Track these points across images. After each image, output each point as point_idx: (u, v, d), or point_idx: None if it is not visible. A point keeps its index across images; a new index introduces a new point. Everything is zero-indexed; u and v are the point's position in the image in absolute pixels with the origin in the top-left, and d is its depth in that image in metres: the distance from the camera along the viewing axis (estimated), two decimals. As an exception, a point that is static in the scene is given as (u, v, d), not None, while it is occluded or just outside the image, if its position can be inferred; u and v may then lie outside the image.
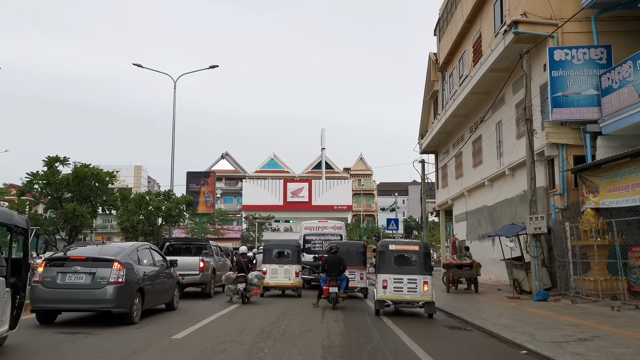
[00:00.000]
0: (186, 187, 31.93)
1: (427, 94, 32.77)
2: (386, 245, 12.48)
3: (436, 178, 34.45)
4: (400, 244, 12.74)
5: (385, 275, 12.09)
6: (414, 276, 12.01)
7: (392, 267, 12.16)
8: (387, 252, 12.29)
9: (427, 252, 12.45)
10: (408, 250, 12.52)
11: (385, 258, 12.25)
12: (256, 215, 73.54)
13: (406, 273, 12.10)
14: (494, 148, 22.08)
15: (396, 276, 12.05)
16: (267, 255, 17.01)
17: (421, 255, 12.26)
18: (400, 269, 12.20)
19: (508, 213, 20.51)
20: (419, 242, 12.85)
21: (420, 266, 12.15)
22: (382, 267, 12.23)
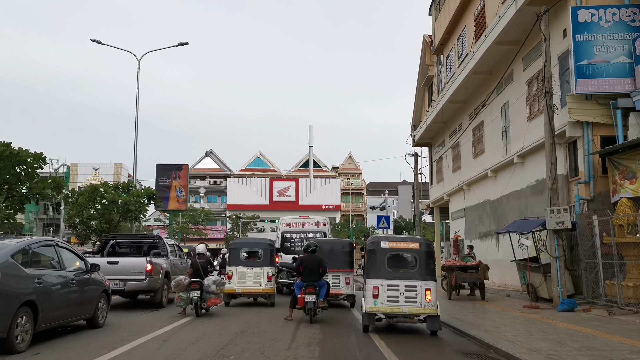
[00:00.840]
0: (155, 180, 28.91)
1: (420, 81, 30.11)
2: (377, 242, 9.72)
3: (430, 172, 31.79)
4: (395, 240, 9.98)
5: (377, 281, 9.34)
6: (414, 282, 9.27)
7: (385, 271, 9.41)
8: (379, 252, 9.54)
9: (430, 250, 9.71)
10: (406, 248, 9.78)
11: (377, 259, 9.50)
12: (240, 215, 70.70)
13: (403, 278, 9.36)
14: (498, 134, 19.42)
15: (390, 282, 9.30)
16: (233, 255, 14.18)
17: (422, 255, 9.52)
18: (396, 273, 9.47)
19: (516, 207, 17.84)
20: (420, 239, 10.09)
21: (422, 269, 9.41)
22: (373, 270, 9.47)
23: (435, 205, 30.88)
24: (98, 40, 22.98)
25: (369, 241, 10.04)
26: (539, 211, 15.65)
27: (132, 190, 20.39)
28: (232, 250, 14.35)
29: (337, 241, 14.98)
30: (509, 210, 18.59)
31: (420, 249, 9.63)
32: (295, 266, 10.92)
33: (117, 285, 12.03)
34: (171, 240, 15.45)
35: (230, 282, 13.81)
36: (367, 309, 9.28)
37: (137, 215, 20.34)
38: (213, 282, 11.26)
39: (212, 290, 11.22)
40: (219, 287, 11.38)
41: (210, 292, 11.23)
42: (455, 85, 22.06)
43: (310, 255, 10.73)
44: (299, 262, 10.71)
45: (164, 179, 28.53)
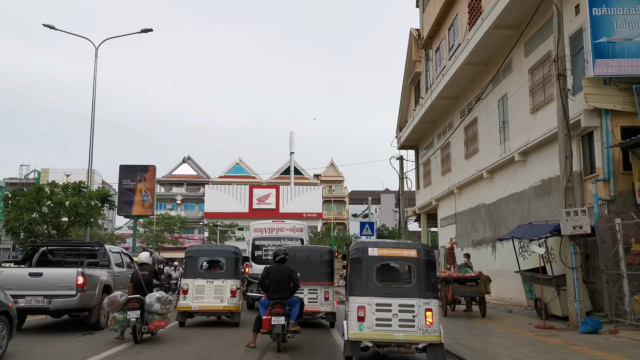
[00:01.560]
0: (119, 183, 26.31)
1: (406, 79, 28.24)
2: (363, 248, 7.58)
3: (416, 176, 29.85)
4: (386, 246, 7.81)
5: (362, 299, 7.22)
6: (410, 300, 7.17)
7: (373, 286, 7.30)
8: (366, 261, 7.42)
9: (431, 259, 7.60)
10: (399, 256, 7.67)
11: (363, 270, 7.38)
12: (218, 223, 68.19)
13: (397, 295, 7.26)
14: (495, 131, 17.52)
15: (380, 300, 7.19)
16: (190, 266, 11.92)
17: (421, 266, 7.42)
18: (388, 289, 7.37)
19: (517, 211, 15.90)
20: (417, 244, 7.97)
21: (420, 283, 7.31)
22: (357, 284, 7.35)
23: (422, 212, 28.93)
24: (51, 25, 20.61)
25: (352, 247, 7.89)
26: (545, 215, 13.72)
27: (84, 191, 17.95)
28: (189, 259, 12.08)
29: (315, 249, 12.77)
30: (507, 215, 16.64)
31: (419, 257, 7.51)
32: (259, 280, 8.70)
33: (40, 302, 9.72)
34: (117, 248, 13.10)
35: (186, 297, 11.57)
36: (351, 335, 7.13)
37: (88, 219, 17.90)
38: (157, 300, 8.97)
39: (155, 310, 8.94)
40: (164, 305, 9.09)
41: (153, 313, 8.95)
42: (446, 79, 20.17)
43: (278, 265, 8.54)
44: (264, 275, 8.51)
45: (127, 182, 25.92)
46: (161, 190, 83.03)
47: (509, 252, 16.13)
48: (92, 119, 19.93)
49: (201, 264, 12.26)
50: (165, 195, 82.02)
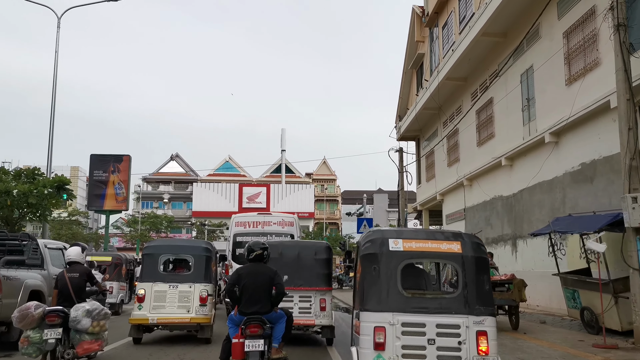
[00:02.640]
0: (89, 174, 23.46)
1: (407, 62, 25.82)
2: (382, 240, 5.15)
3: (417, 170, 27.45)
4: (416, 236, 5.32)
5: (382, 316, 4.83)
6: (454, 318, 4.81)
7: (396, 296, 4.91)
8: (386, 258, 5.01)
9: (483, 256, 5.21)
10: (436, 252, 5.23)
11: (381, 272, 4.99)
12: (206, 222, 65.68)
13: (434, 311, 4.89)
14: (516, 111, 15.12)
15: (409, 318, 4.82)
16: (148, 266, 9.40)
17: (470, 265, 5.04)
18: (419, 300, 4.98)
19: (546, 202, 13.49)
20: (461, 235, 5.45)
21: (469, 292, 4.95)
22: (373, 293, 4.97)
23: (424, 208, 26.51)
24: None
25: (365, 239, 5.41)
26: (585, 205, 11.35)
27: (38, 179, 15.31)
28: (147, 257, 9.54)
29: (308, 244, 10.20)
30: (533, 208, 14.23)
31: (465, 252, 5.09)
32: (226, 287, 6.12)
33: None
34: (57, 244, 10.53)
35: (142, 306, 9.05)
36: (364, 372, 4.66)
37: (42, 211, 15.28)
38: (86, 314, 6.41)
39: (84, 328, 6.39)
40: (97, 321, 6.52)
41: (82, 331, 6.39)
42: (456, 56, 17.76)
43: (254, 266, 5.98)
44: (233, 279, 5.91)
45: (99, 173, 23.15)
46: (148, 188, 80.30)
47: (534, 251, 13.77)
48: (53, 91, 17.29)
49: (163, 263, 9.71)
50: (152, 193, 79.27)
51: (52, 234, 59.55)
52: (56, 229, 58.81)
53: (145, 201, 77.60)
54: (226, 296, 12.14)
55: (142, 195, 76.53)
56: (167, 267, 10.02)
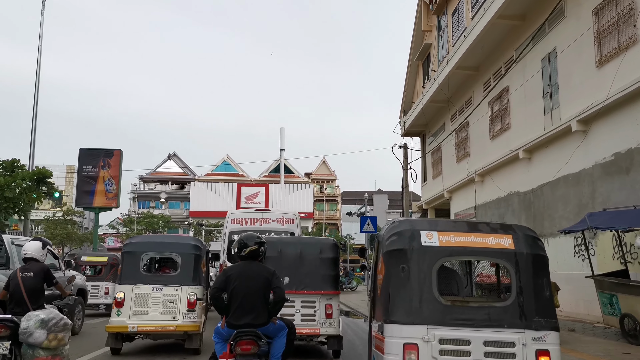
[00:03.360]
0: (78, 169, 22.19)
1: (413, 54, 24.63)
2: (411, 232, 4.14)
3: (423, 167, 26.27)
4: (455, 229, 4.28)
5: (413, 330, 3.78)
6: (507, 334, 3.82)
7: (431, 304, 3.88)
8: (417, 256, 4.01)
9: (541, 254, 4.19)
10: (483, 248, 4.18)
11: (411, 273, 3.96)
12: (203, 222, 64.59)
13: (480, 324, 3.84)
14: (536, 99, 13.95)
15: (449, 333, 3.76)
16: (128, 265, 8.21)
17: (525, 266, 4.06)
18: (460, 310, 3.95)
19: (571, 197, 12.30)
20: (513, 227, 4.42)
21: (524, 300, 3.96)
22: (402, 300, 3.95)
23: (430, 207, 25.31)
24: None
25: (389, 231, 4.34)
26: (619, 199, 10.22)
27: (18, 171, 14.08)
28: (127, 256, 8.34)
29: (312, 241, 9.01)
30: (556, 203, 13.04)
31: (519, 249, 4.09)
32: (211, 291, 4.88)
33: None
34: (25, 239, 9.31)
35: (121, 312, 7.87)
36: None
37: (21, 206, 14.04)
38: (40, 324, 5.19)
39: (37, 342, 5.18)
40: (53, 333, 5.29)
41: (35, 345, 5.18)
42: (468, 42, 16.57)
43: (245, 265, 4.75)
44: (220, 282, 4.67)
45: (88, 168, 21.86)
46: (145, 187, 79.09)
47: (557, 251, 12.59)
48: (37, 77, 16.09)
49: (145, 263, 8.51)
50: (148, 192, 78.04)
51: (46, 233, 58.38)
52: (50, 228, 57.58)
53: (141, 201, 76.39)
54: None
55: (138, 195, 75.39)
56: (150, 267, 8.85)
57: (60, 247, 59.67)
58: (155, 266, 8.93)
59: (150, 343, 8.87)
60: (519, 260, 4.04)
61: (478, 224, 4.59)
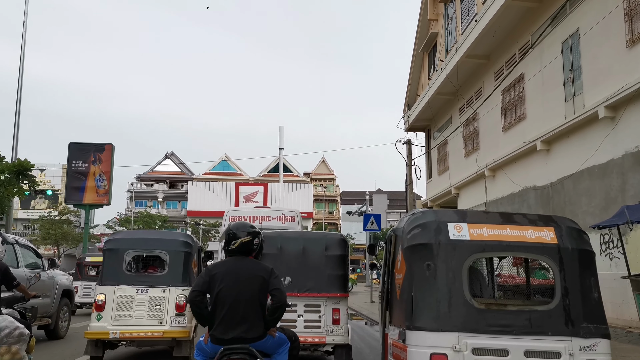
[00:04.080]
0: (67, 164, 21.04)
1: (418, 45, 23.67)
2: (437, 224, 3.64)
3: (428, 162, 25.32)
4: (487, 220, 3.77)
5: (443, 338, 3.21)
6: (551, 341, 3.33)
7: (463, 307, 3.30)
8: (445, 252, 3.47)
9: (587, 249, 3.66)
10: (520, 243, 3.64)
11: (438, 271, 3.40)
12: (201, 221, 63.73)
13: (521, 332, 3.30)
14: (556, 85, 12.99)
15: (484, 342, 3.23)
16: (110, 264, 7.25)
17: (571, 263, 3.54)
18: (498, 316, 3.40)
19: (597, 190, 11.33)
20: (555, 219, 3.87)
21: (571, 303, 3.42)
22: (427, 304, 3.37)
23: (435, 204, 24.33)
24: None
25: (411, 223, 3.77)
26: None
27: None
28: (108, 254, 7.38)
29: (317, 237, 7.83)
30: (579, 198, 12.08)
31: (563, 243, 3.70)
32: (190, 295, 3.79)
33: None
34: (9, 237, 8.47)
35: (101, 316, 6.91)
36: None
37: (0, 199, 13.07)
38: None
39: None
40: (6, 345, 4.29)
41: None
42: (480, 27, 15.61)
43: (236, 262, 3.73)
44: (202, 283, 3.64)
45: (78, 163, 20.75)
46: (142, 187, 78.12)
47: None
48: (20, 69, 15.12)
49: (129, 261, 7.53)
50: (146, 192, 77.07)
51: (41, 233, 57.42)
52: (46, 228, 56.60)
53: (138, 200, 75.42)
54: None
55: (135, 194, 74.43)
56: (135, 266, 7.87)
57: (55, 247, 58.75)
58: (140, 265, 7.96)
59: (134, 351, 7.95)
60: (563, 256, 3.60)
61: (513, 214, 4.13)
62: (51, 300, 9.72)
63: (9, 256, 7.90)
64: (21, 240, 9.25)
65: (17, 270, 8.16)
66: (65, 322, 10.55)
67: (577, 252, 3.63)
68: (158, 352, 8.00)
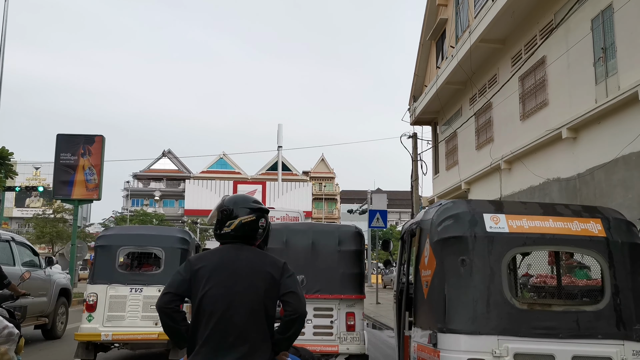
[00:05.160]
0: (55, 157, 19.93)
1: (426, 32, 22.71)
2: (472, 216, 3.35)
3: (434, 157, 24.37)
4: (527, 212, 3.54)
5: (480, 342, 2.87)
6: (603, 347, 2.94)
7: (503, 307, 2.99)
8: (482, 244, 3.17)
9: (638, 242, 3.39)
10: (564, 237, 3.37)
11: (474, 267, 3.12)
12: (198, 220, 62.84)
13: (568, 335, 2.98)
14: (585, 67, 12.03)
15: (528, 346, 2.91)
16: (102, 262, 6.38)
17: (621, 258, 3.24)
18: (542, 317, 3.06)
19: (635, 181, 10.36)
20: (601, 210, 3.81)
21: (622, 303, 3.09)
22: (462, 304, 3.08)
23: (445, 200, 23.34)
24: None
25: (441, 214, 3.58)
26: None
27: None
28: (100, 250, 6.50)
29: (328, 230, 6.91)
30: (613, 189, 11.10)
31: (612, 237, 3.46)
32: (159, 301, 2.52)
33: None
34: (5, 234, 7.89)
35: (93, 317, 6.06)
36: None
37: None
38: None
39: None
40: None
41: None
42: (497, 7, 14.63)
43: (230, 251, 2.57)
44: (179, 280, 2.48)
45: (67, 156, 19.56)
46: (139, 185, 77.17)
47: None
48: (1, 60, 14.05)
49: (120, 257, 6.58)
50: (142, 190, 76.09)
51: (35, 231, 56.36)
52: (40, 226, 55.55)
53: (135, 198, 74.49)
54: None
55: (132, 193, 73.49)
56: (130, 264, 6.92)
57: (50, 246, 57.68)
58: (134, 263, 7.02)
59: (128, 353, 7.18)
60: (612, 251, 3.40)
61: (555, 205, 4.04)
62: (48, 299, 9.42)
63: (4, 254, 7.49)
64: (17, 237, 8.60)
65: (14, 268, 7.77)
66: (62, 323, 10.12)
67: (627, 246, 3.43)
68: (153, 355, 7.26)
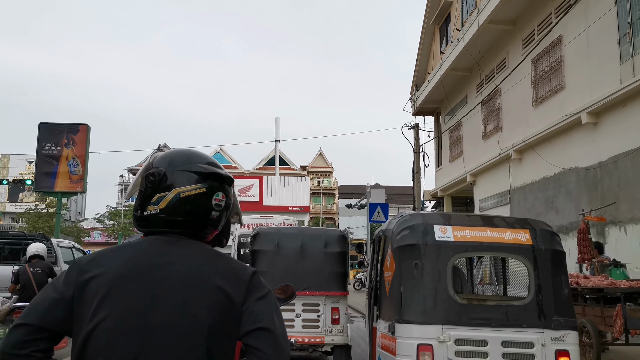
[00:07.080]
0: (37, 147, 18.57)
1: (429, 17, 21.44)
2: (425, 227, 4.01)
3: (437, 148, 23.16)
4: (469, 223, 4.20)
5: (427, 330, 3.69)
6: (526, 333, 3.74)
7: (447, 302, 3.76)
8: (431, 252, 3.89)
9: (559, 249, 4.09)
10: (499, 244, 4.03)
11: (425, 269, 3.85)
12: (194, 216, 61.75)
13: (499, 324, 3.78)
14: (607, 45, 10.80)
15: (466, 333, 3.74)
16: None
17: (545, 263, 3.95)
18: (478, 310, 3.88)
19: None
20: (530, 222, 4.24)
21: (543, 299, 3.82)
22: (414, 300, 3.84)
23: (446, 194, 22.21)
24: None
25: (400, 225, 4.17)
26: None
27: None
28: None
29: (316, 233, 7.54)
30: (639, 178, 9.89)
31: (537, 244, 3.99)
32: (4, 341, 1.41)
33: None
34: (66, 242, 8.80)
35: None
36: None
37: None
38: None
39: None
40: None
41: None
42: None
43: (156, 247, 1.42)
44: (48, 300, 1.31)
45: (49, 146, 18.28)
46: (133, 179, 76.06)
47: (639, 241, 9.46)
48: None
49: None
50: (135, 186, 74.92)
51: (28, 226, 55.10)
52: (32, 221, 54.28)
53: (129, 194, 73.33)
54: None
55: (126, 187, 72.21)
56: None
57: (42, 242, 56.55)
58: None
59: None
60: (537, 256, 3.97)
61: (493, 217, 4.57)
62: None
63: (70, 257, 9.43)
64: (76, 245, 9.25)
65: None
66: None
67: (549, 253, 4.00)
68: None
